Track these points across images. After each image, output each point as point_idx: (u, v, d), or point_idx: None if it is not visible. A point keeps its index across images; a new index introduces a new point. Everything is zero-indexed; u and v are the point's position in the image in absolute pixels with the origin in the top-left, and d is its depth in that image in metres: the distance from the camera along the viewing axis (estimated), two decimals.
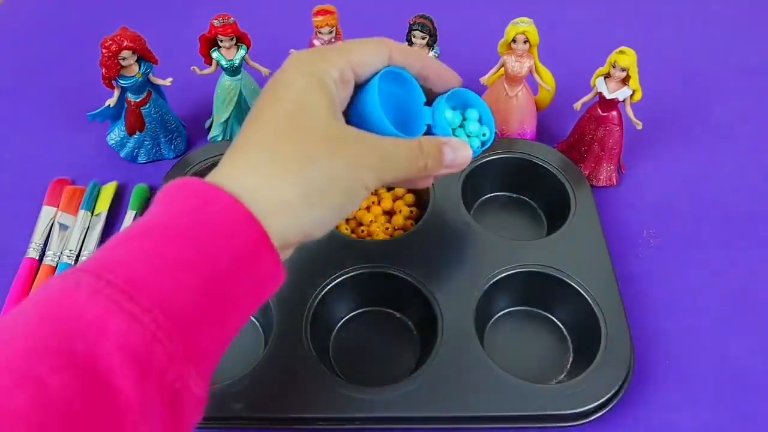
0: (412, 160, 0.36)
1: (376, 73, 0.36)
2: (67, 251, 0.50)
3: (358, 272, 0.46)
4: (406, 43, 0.53)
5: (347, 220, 0.51)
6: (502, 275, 0.45)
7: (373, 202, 0.52)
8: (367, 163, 0.33)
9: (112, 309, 0.26)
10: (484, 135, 0.41)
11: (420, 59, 0.38)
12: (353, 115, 0.36)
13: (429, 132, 0.39)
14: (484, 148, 0.41)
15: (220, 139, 0.58)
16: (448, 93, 0.39)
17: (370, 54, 0.36)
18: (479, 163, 0.53)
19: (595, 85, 0.52)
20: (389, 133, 0.35)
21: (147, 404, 0.26)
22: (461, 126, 0.41)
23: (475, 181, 0.53)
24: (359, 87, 0.36)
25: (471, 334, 0.42)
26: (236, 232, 0.29)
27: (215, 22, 0.53)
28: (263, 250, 0.30)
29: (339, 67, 0.34)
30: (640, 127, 0.52)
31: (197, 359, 0.28)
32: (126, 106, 0.55)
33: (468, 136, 0.41)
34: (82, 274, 0.27)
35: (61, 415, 0.24)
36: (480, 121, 0.41)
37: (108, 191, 0.54)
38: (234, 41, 0.54)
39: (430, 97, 0.40)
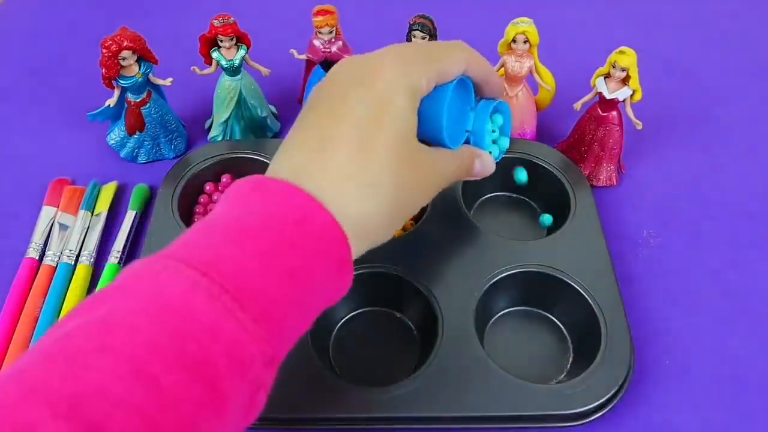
0: (455, 174, 0.38)
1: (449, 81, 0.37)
2: (67, 251, 0.50)
3: (358, 272, 0.45)
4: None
5: None
6: (502, 275, 0.45)
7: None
8: (432, 186, 0.36)
9: (226, 317, 0.27)
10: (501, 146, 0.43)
11: (488, 71, 0.39)
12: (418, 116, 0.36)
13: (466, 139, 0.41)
14: (498, 159, 0.43)
15: (220, 139, 0.58)
16: (494, 105, 0.40)
17: (455, 65, 0.36)
18: None
19: (595, 85, 0.52)
20: (441, 144, 0.37)
21: (237, 404, 0.27)
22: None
23: (475, 181, 0.53)
24: None
25: (471, 334, 0.42)
26: (331, 253, 0.31)
27: (215, 22, 0.53)
28: (345, 268, 0.32)
29: (428, 78, 0.35)
30: (640, 127, 0.52)
31: (279, 361, 0.30)
32: (126, 106, 0.55)
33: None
34: (194, 274, 0.27)
35: (172, 412, 0.24)
36: (500, 129, 0.43)
37: (108, 191, 0.54)
38: (234, 41, 0.54)
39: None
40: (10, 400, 0.23)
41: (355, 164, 0.32)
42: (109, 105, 0.54)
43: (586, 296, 0.44)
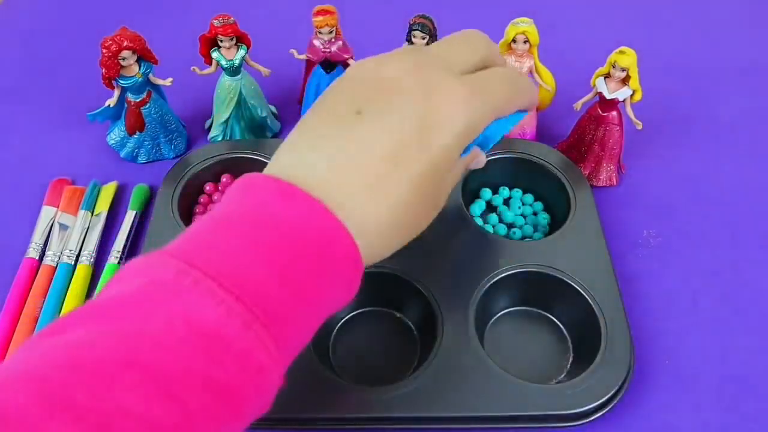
0: (459, 180, 0.38)
1: None
2: (67, 251, 0.50)
3: None
4: (406, 43, 0.53)
5: None
6: (502, 275, 0.45)
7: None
8: (444, 200, 0.36)
9: (257, 346, 0.27)
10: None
11: (534, 99, 0.38)
12: None
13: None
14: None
15: (220, 139, 0.58)
16: (519, 119, 0.39)
17: (515, 110, 0.36)
18: None
19: (595, 85, 0.52)
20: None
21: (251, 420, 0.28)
22: None
23: (475, 180, 0.53)
24: None
25: (471, 334, 0.42)
26: (347, 277, 0.30)
27: (215, 22, 0.53)
28: (354, 288, 0.31)
29: (486, 123, 0.34)
30: (640, 127, 0.52)
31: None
32: (126, 106, 0.55)
33: None
34: (228, 298, 0.26)
35: None
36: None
37: (108, 191, 0.54)
38: (234, 41, 0.53)
39: None
40: (34, 414, 0.22)
41: (384, 191, 0.31)
42: (109, 105, 0.54)
43: (586, 296, 0.44)
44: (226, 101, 0.56)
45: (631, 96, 0.51)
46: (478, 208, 0.53)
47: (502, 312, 0.47)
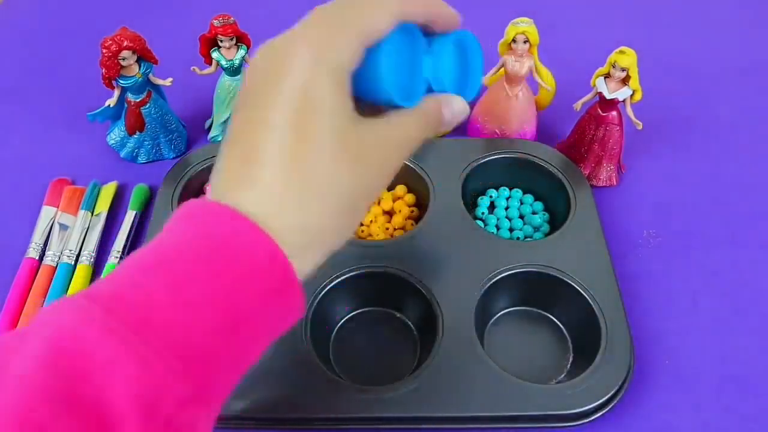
0: (421, 135, 0.33)
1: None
2: (67, 251, 0.50)
3: (357, 272, 0.46)
4: None
5: None
6: (502, 275, 0.45)
7: (373, 202, 0.52)
8: (392, 162, 0.31)
9: (125, 353, 0.25)
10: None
11: (431, 5, 0.34)
12: (357, 79, 0.31)
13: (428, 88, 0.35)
14: (471, 98, 0.36)
15: (219, 139, 0.58)
16: (451, 39, 0.34)
17: (381, 19, 0.31)
18: (480, 162, 0.53)
19: (595, 85, 0.52)
20: (395, 105, 0.32)
21: None
22: None
23: (476, 180, 0.53)
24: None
25: (471, 334, 0.42)
26: (265, 272, 0.28)
27: (215, 22, 0.53)
28: (289, 289, 0.29)
29: (351, 48, 0.30)
30: (640, 127, 0.52)
31: (209, 399, 0.27)
32: (126, 106, 0.55)
33: None
34: (94, 307, 0.25)
35: None
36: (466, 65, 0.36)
37: (108, 191, 0.54)
38: (234, 41, 0.54)
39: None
40: None
41: (289, 173, 0.29)
42: (109, 105, 0.54)
43: (586, 296, 0.44)
44: (226, 101, 0.56)
45: (631, 96, 0.51)
46: (478, 208, 0.53)
47: (502, 312, 0.47)
